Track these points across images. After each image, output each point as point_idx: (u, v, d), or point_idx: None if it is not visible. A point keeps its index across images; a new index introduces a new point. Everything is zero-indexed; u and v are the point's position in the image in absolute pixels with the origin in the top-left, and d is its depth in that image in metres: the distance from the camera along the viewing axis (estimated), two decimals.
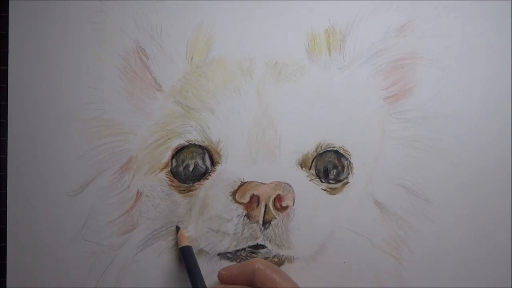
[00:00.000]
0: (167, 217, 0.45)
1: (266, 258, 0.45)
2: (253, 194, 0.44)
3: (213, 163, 0.45)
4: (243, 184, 0.44)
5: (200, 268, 0.44)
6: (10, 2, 0.46)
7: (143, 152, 0.46)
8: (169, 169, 0.45)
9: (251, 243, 0.44)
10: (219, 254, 0.45)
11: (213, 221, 0.45)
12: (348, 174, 0.46)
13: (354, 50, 0.46)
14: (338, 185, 0.46)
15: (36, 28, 0.46)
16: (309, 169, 0.45)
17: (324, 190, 0.46)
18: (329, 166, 0.46)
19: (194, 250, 0.45)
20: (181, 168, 0.45)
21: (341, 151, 0.46)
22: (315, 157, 0.46)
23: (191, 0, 0.46)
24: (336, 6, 0.46)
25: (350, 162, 0.46)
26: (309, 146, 0.45)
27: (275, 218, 0.44)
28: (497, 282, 0.45)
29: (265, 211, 0.44)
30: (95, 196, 0.45)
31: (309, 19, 0.46)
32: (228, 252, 0.45)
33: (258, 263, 0.42)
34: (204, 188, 0.45)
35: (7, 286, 0.45)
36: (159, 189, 0.46)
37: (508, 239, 0.46)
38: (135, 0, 0.46)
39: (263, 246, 0.44)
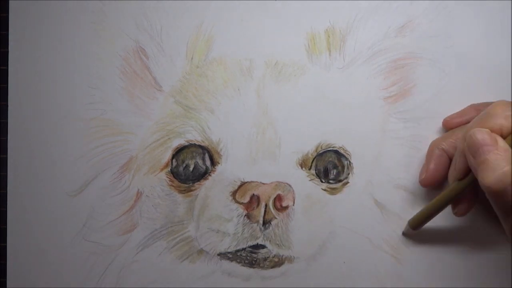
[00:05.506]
0: (167, 217, 0.45)
1: (266, 258, 0.45)
2: (253, 194, 0.44)
3: (213, 163, 0.45)
4: (243, 184, 0.44)
5: (200, 268, 0.45)
6: (10, 2, 0.46)
7: (143, 152, 0.46)
8: (169, 169, 0.45)
9: (251, 243, 0.44)
10: (219, 254, 0.45)
11: (213, 221, 0.45)
12: (348, 174, 0.46)
13: (354, 50, 0.46)
14: (338, 185, 0.46)
15: (36, 28, 0.46)
16: (309, 169, 0.45)
17: (324, 190, 0.46)
18: (329, 166, 0.46)
19: (194, 250, 0.45)
20: (181, 168, 0.45)
21: (341, 151, 0.46)
22: (315, 157, 0.46)
23: (191, 0, 0.46)
24: (336, 6, 0.46)
25: (350, 162, 0.46)
26: (309, 146, 0.45)
27: (275, 218, 0.44)
28: (497, 282, 0.45)
29: (265, 211, 0.44)
30: (95, 196, 0.45)
31: (309, 19, 0.46)
32: (228, 252, 0.45)
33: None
34: (204, 188, 0.45)
35: (7, 286, 0.45)
36: (159, 189, 0.46)
37: (508, 239, 0.46)
38: (135, 0, 0.46)
39: (263, 246, 0.44)
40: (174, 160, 0.45)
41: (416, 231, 0.44)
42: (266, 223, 0.44)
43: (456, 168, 0.41)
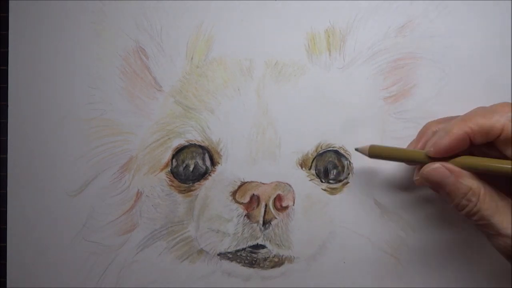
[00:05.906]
0: (167, 217, 0.45)
1: (266, 258, 0.45)
2: (253, 194, 0.44)
3: (213, 163, 0.45)
4: (243, 184, 0.44)
5: (200, 268, 0.45)
6: (10, 2, 0.46)
7: (143, 152, 0.46)
8: (169, 169, 0.45)
9: (251, 243, 0.44)
10: (219, 254, 0.45)
11: (213, 221, 0.45)
12: (348, 174, 0.46)
13: (354, 50, 0.46)
14: (338, 185, 0.46)
15: (36, 28, 0.46)
16: (309, 169, 0.45)
17: (324, 190, 0.46)
18: (329, 166, 0.46)
19: (194, 250, 0.45)
20: (181, 168, 0.45)
21: (341, 151, 0.46)
22: (315, 157, 0.46)
23: (191, 0, 0.46)
24: (336, 6, 0.46)
25: (350, 162, 0.46)
26: (309, 146, 0.45)
27: (275, 218, 0.44)
28: (497, 282, 0.45)
29: (265, 211, 0.44)
30: (95, 196, 0.46)
31: (309, 19, 0.46)
32: (228, 252, 0.45)
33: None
34: (204, 188, 0.45)
35: (7, 286, 0.45)
36: (159, 189, 0.46)
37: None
38: (135, 0, 0.46)
39: (263, 246, 0.44)
40: (174, 160, 0.45)
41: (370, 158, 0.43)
42: (266, 223, 0.44)
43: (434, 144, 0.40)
